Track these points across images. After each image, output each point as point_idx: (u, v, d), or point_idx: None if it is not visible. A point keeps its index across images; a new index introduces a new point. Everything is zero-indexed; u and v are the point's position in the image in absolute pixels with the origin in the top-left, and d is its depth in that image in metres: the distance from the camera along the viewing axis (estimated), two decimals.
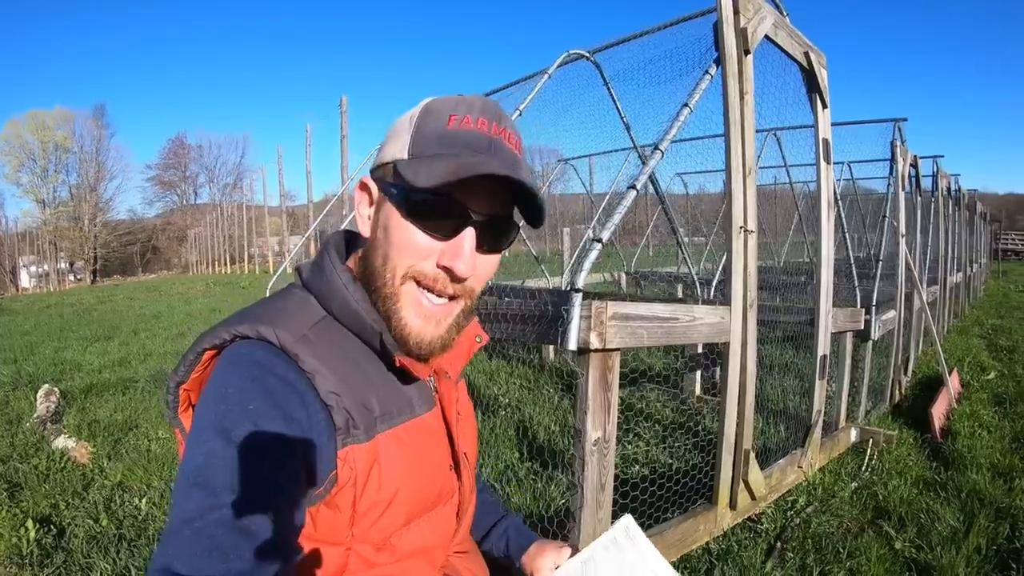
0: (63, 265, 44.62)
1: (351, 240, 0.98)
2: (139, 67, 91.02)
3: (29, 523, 2.83)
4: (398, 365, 0.88)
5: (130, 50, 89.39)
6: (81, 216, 45.76)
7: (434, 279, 0.85)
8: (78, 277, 44.93)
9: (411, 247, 0.84)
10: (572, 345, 1.81)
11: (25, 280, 41.66)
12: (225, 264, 36.91)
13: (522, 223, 0.91)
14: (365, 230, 0.91)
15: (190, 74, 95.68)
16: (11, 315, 14.20)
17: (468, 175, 0.78)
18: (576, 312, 1.81)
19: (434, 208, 0.83)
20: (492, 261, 0.90)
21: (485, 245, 0.87)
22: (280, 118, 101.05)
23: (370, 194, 0.91)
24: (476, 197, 0.83)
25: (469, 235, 0.84)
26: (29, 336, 9.64)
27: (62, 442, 3.93)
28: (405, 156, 0.84)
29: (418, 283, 0.86)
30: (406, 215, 0.84)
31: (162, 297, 17.93)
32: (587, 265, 1.85)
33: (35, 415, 4.63)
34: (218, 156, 55.54)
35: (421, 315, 0.88)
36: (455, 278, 0.85)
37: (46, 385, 5.27)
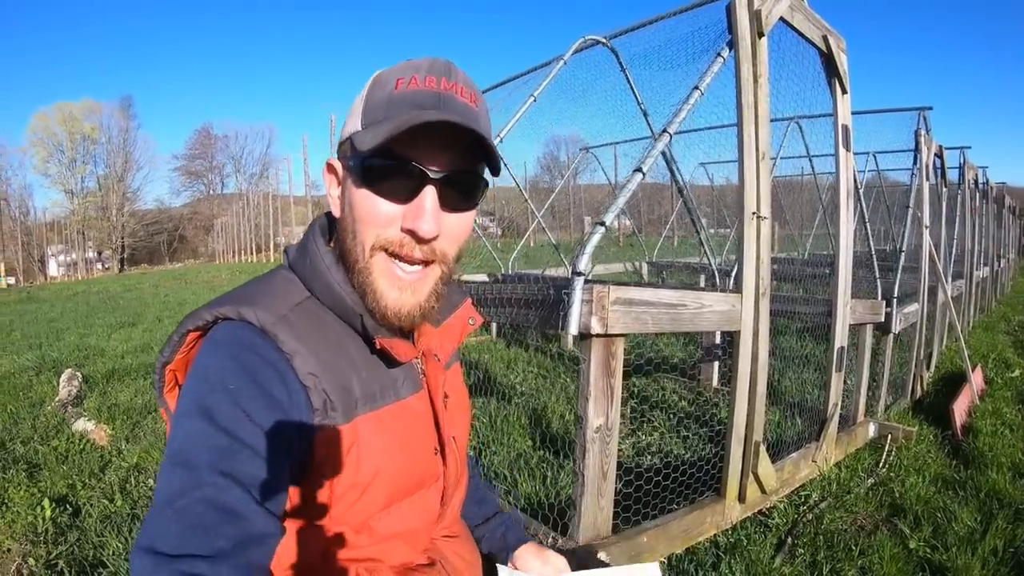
0: (91, 254, 45.49)
1: (334, 222, 0.97)
2: (165, 58, 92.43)
3: (46, 502, 2.87)
4: (379, 348, 0.88)
5: (157, 41, 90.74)
6: (109, 206, 46.57)
7: (400, 244, 0.85)
8: (106, 266, 45.76)
9: (374, 216, 0.84)
10: (573, 329, 1.79)
11: (54, 269, 42.53)
12: (251, 253, 37.27)
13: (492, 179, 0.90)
14: (336, 210, 0.91)
15: (216, 65, 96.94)
16: (39, 303, 14.52)
17: (407, 127, 0.77)
18: (577, 296, 1.79)
19: (389, 172, 0.82)
20: (462, 220, 0.89)
21: (450, 204, 0.85)
22: (305, 108, 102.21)
23: (336, 174, 0.91)
24: (431, 155, 0.82)
25: (430, 193, 0.83)
26: (56, 323, 9.84)
27: (82, 425, 4.00)
28: (359, 128, 0.84)
29: (388, 253, 0.85)
30: (364, 184, 0.83)
31: (187, 285, 18.19)
32: (589, 248, 1.82)
33: (57, 399, 4.72)
34: (244, 146, 56.18)
35: (396, 285, 0.87)
36: (420, 239, 0.84)
37: (68, 370, 5.37)
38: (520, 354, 6.01)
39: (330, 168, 0.92)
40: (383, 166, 0.81)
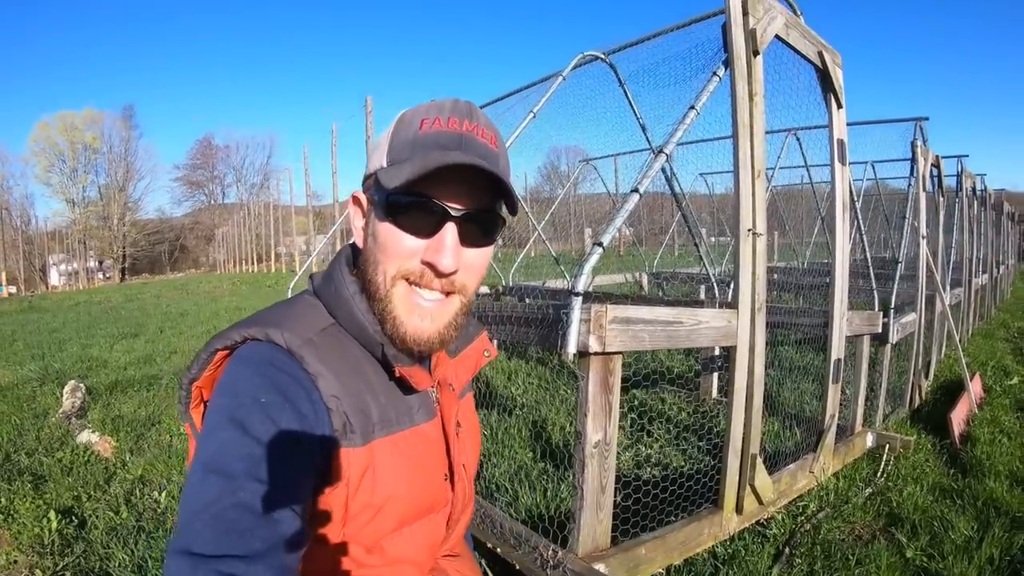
0: (92, 263, 45.61)
1: (358, 252, 1.01)
2: (167, 69, 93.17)
3: (52, 514, 2.90)
4: (398, 375, 0.92)
5: (158, 52, 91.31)
6: (110, 215, 46.76)
7: (420, 275, 0.88)
8: (107, 275, 45.85)
9: (397, 248, 0.88)
10: (572, 348, 1.83)
11: (55, 278, 42.61)
12: (252, 263, 37.40)
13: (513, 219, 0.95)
14: (360, 241, 0.95)
15: (217, 75, 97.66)
16: (40, 312, 14.54)
17: (432, 168, 0.81)
18: (576, 315, 1.82)
19: (413, 208, 0.86)
20: (481, 255, 0.93)
21: (470, 240, 0.89)
22: (306, 119, 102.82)
23: (361, 207, 0.95)
24: (453, 193, 0.86)
25: (450, 230, 0.87)
26: (58, 333, 9.86)
27: (86, 436, 4.03)
28: (384, 164, 0.88)
29: (408, 282, 0.89)
30: (388, 218, 0.87)
31: (189, 296, 18.22)
32: (587, 269, 1.85)
33: (60, 410, 4.75)
34: (245, 156, 56.56)
35: (416, 312, 0.91)
36: (440, 273, 0.88)
37: (72, 381, 5.41)
38: (521, 366, 6.03)
39: (355, 200, 0.96)
40: (407, 202, 0.86)
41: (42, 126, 46.63)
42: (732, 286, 2.55)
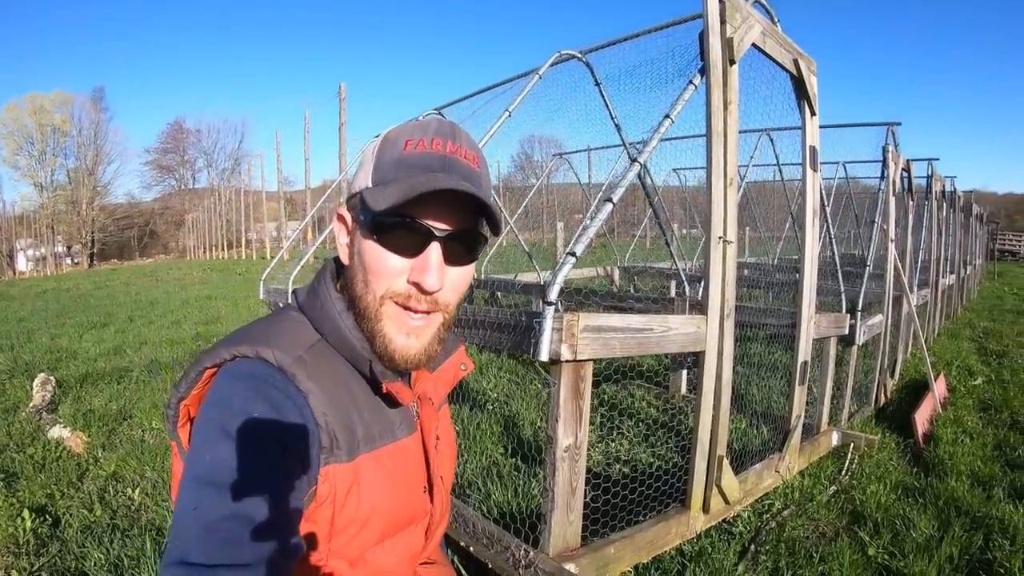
0: (60, 249, 44.59)
1: (342, 267, 1.03)
2: (138, 51, 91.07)
3: (25, 513, 2.88)
4: (385, 392, 0.94)
5: (129, 34, 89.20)
6: (79, 200, 45.74)
7: (407, 296, 0.91)
8: (75, 261, 44.89)
9: (383, 268, 0.90)
10: (543, 356, 1.86)
11: (22, 263, 41.59)
12: (223, 249, 36.89)
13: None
14: (345, 257, 0.97)
15: (189, 58, 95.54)
16: (8, 300, 14.23)
17: (419, 192, 0.84)
18: (548, 324, 1.86)
19: (398, 229, 0.88)
20: (463, 273, 0.96)
21: (453, 258, 0.92)
22: (279, 104, 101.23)
23: (346, 224, 0.97)
24: (437, 214, 0.89)
25: (435, 250, 0.89)
26: (26, 322, 9.67)
27: (57, 432, 3.98)
28: (369, 184, 0.90)
29: (395, 303, 0.92)
30: (374, 238, 0.89)
31: (159, 283, 17.93)
32: (559, 279, 1.89)
33: (31, 404, 4.69)
34: (216, 141, 55.51)
35: (403, 331, 0.93)
36: (424, 291, 0.90)
37: (42, 374, 5.33)
38: (492, 359, 6.06)
39: (340, 218, 0.97)
40: (392, 223, 0.88)
41: (10, 108, 45.42)
42: (702, 287, 2.60)
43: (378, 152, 0.91)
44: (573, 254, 1.93)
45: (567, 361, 1.93)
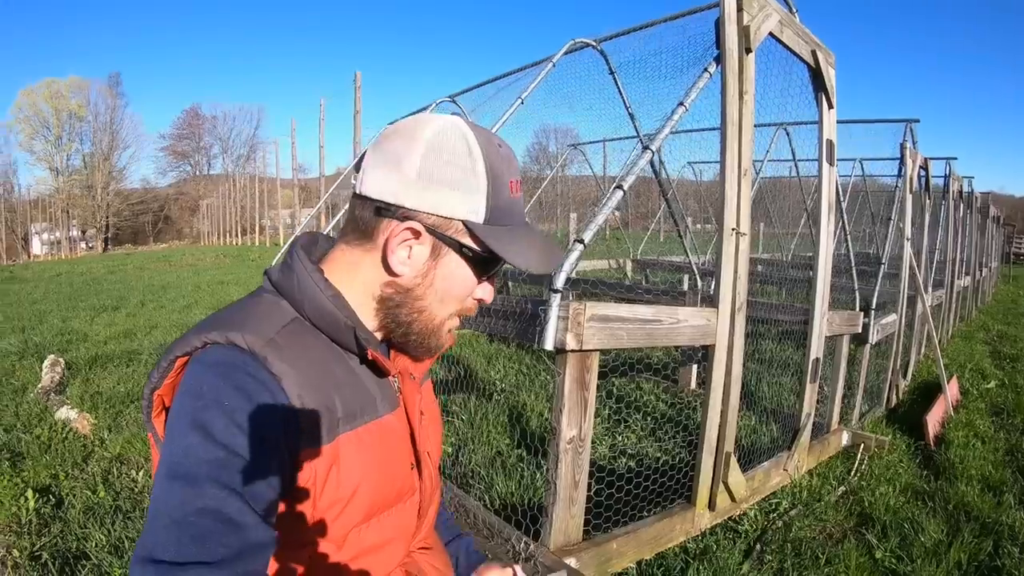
0: (75, 233, 45.03)
1: (314, 243, 1.01)
2: (154, 37, 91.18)
3: (29, 493, 2.89)
4: (370, 358, 0.92)
5: (146, 19, 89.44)
6: (94, 184, 46.13)
7: (470, 309, 1.00)
8: (90, 245, 45.33)
9: (463, 289, 0.96)
10: (549, 345, 1.83)
11: (37, 247, 42.07)
12: (236, 235, 37.14)
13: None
14: (403, 269, 0.92)
15: (206, 44, 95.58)
16: (22, 283, 14.37)
17: (552, 270, 1.01)
18: (554, 312, 1.82)
19: (491, 264, 0.95)
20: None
21: None
22: (294, 92, 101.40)
23: (420, 239, 0.91)
24: None
25: (496, 274, 0.98)
26: (38, 305, 9.76)
27: (64, 413, 4.00)
28: (480, 220, 0.90)
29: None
30: (471, 267, 0.93)
31: (172, 268, 18.07)
32: (567, 267, 1.85)
33: (40, 385, 4.71)
34: (232, 127, 55.70)
35: (452, 337, 1.03)
36: (483, 305, 1.01)
37: (51, 356, 5.34)
38: (502, 349, 6.03)
39: (415, 233, 0.91)
40: (494, 259, 0.93)
41: (26, 93, 45.80)
42: (713, 282, 2.56)
43: (491, 186, 0.90)
44: (581, 241, 1.89)
45: (572, 351, 1.89)
